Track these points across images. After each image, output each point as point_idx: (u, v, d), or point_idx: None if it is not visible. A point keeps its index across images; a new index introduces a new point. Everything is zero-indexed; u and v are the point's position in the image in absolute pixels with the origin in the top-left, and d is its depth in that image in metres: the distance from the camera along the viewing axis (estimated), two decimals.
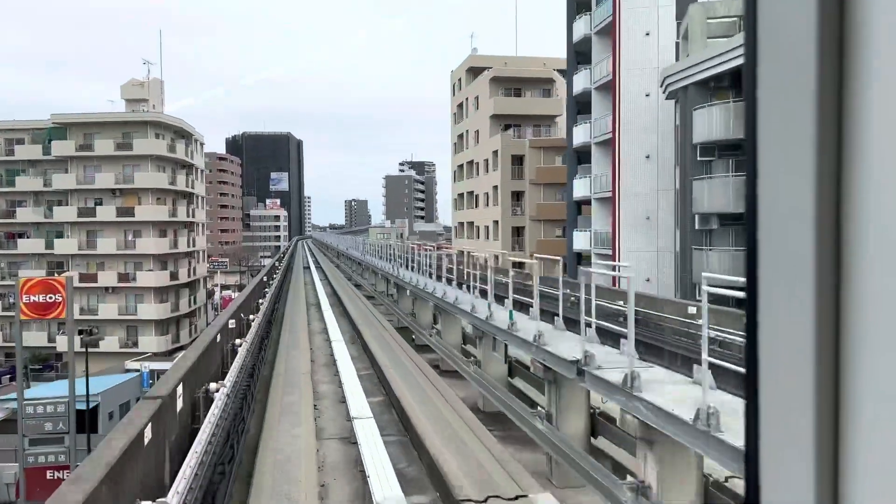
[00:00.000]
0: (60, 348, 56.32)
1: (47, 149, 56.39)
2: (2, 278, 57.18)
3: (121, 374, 50.74)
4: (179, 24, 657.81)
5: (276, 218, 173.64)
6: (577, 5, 38.87)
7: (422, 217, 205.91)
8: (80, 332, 57.69)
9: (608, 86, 33.01)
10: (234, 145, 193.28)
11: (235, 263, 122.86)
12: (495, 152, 51.00)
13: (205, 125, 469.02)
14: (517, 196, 50.39)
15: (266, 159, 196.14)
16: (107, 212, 55.35)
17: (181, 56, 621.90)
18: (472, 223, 58.51)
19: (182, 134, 62.08)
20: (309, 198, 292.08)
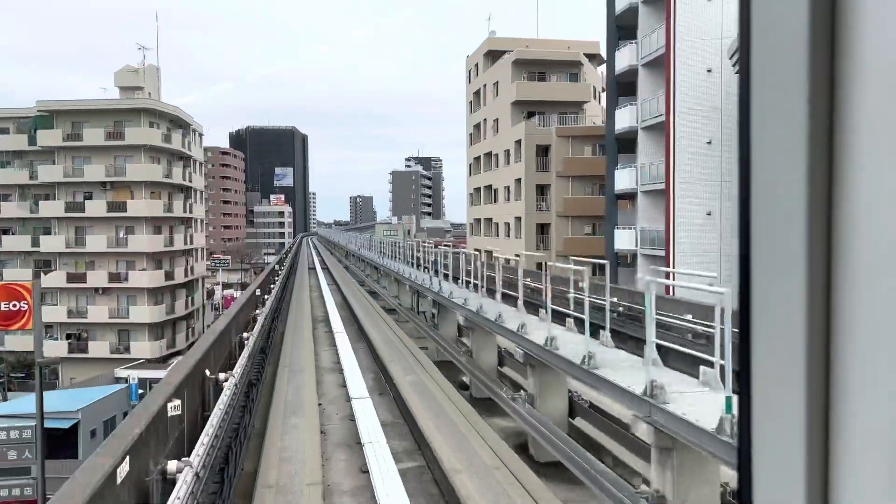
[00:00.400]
0: (49, 353, 52.31)
1: (33, 139, 52.30)
2: None
3: (109, 383, 46.79)
4: (181, 24, 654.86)
5: (281, 214, 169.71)
6: None
7: (429, 213, 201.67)
8: (68, 337, 53.93)
9: (660, 61, 28.68)
10: (237, 140, 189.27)
11: (238, 261, 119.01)
12: (518, 142, 46.67)
13: (209, 122, 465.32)
14: (541, 190, 46.07)
15: (270, 154, 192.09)
16: (97, 206, 51.27)
17: (184, 54, 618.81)
18: (490, 220, 54.19)
19: (179, 123, 57.93)
20: (314, 194, 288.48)
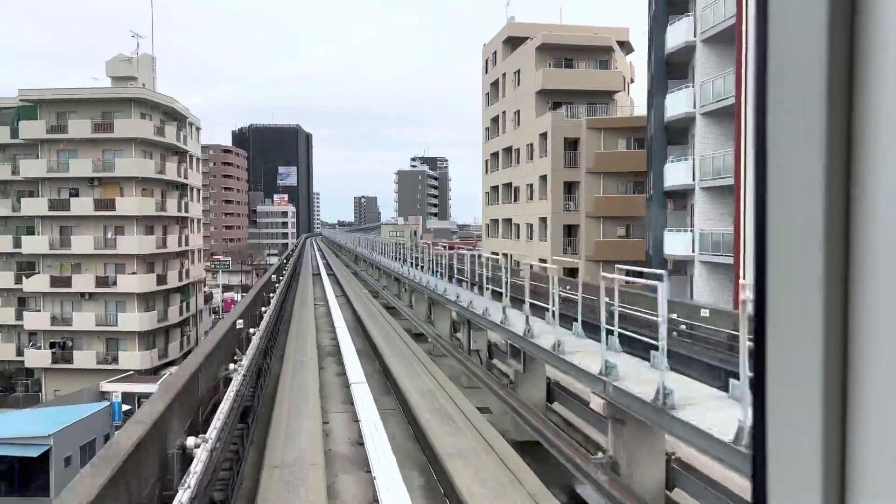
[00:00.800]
0: (30, 363, 48.35)
1: (15, 131, 48.28)
2: None
3: (94, 398, 42.75)
4: (183, 24, 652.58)
5: (284, 214, 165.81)
6: None
7: (435, 214, 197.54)
8: (52, 346, 49.96)
9: (725, 36, 24.45)
10: (240, 138, 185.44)
11: (240, 262, 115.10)
12: (543, 135, 42.46)
13: (212, 122, 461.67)
14: (569, 188, 41.86)
15: (273, 153, 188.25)
16: (83, 204, 47.23)
17: (185, 55, 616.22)
18: (510, 220, 49.96)
19: (174, 116, 53.86)
20: (318, 194, 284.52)
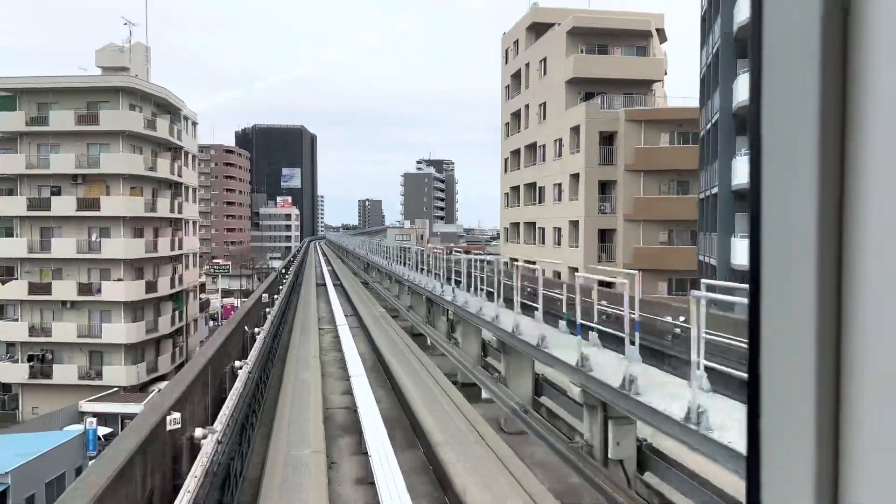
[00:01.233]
0: (6, 378, 44.03)
1: None
2: None
3: (72, 419, 38.43)
4: (186, 27, 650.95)
5: (288, 217, 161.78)
6: None
7: (441, 218, 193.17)
8: (30, 359, 45.70)
9: None
10: (243, 139, 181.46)
11: (242, 266, 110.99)
12: (575, 129, 38.04)
13: (216, 126, 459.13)
14: (602, 188, 37.43)
15: (277, 154, 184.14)
16: (65, 204, 42.98)
17: (190, 59, 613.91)
18: (533, 224, 45.52)
19: (167, 108, 49.63)
20: (322, 197, 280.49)
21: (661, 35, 46.44)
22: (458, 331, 19.47)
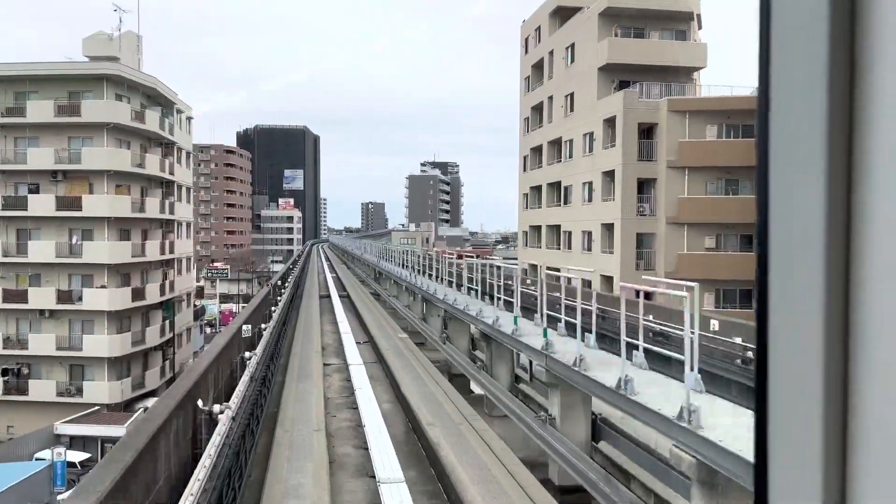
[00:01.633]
0: None
1: None
2: None
3: (48, 442, 34.46)
4: (185, 26, 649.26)
5: (290, 219, 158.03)
6: None
7: (446, 221, 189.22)
8: (4, 374, 41.77)
9: None
10: (245, 139, 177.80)
11: (243, 269, 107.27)
12: (609, 121, 34.04)
13: (218, 129, 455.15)
14: (640, 187, 33.42)
15: (279, 155, 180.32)
16: (43, 203, 39.07)
17: (192, 58, 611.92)
18: (557, 227, 41.48)
19: (158, 100, 45.75)
20: (325, 199, 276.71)
21: (698, 21, 42.52)
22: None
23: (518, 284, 17.04)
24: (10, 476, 25.50)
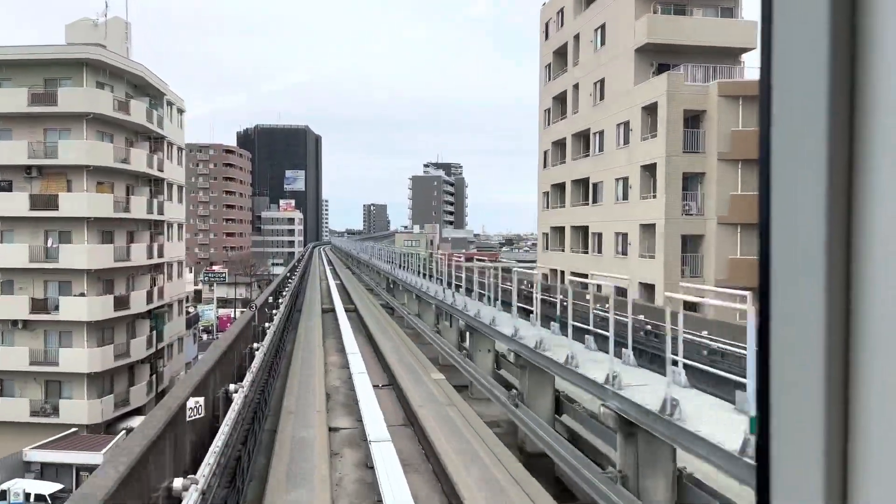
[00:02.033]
0: None
1: None
2: None
3: (15, 470, 30.64)
4: (186, 27, 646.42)
5: (291, 221, 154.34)
6: None
7: (450, 223, 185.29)
8: None
9: None
10: (245, 140, 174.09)
11: (242, 272, 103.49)
12: (649, 108, 30.17)
13: (219, 129, 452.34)
14: (686, 183, 29.50)
15: (280, 155, 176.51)
16: (15, 202, 35.24)
17: (193, 59, 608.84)
18: (585, 229, 37.58)
19: (146, 90, 41.96)
20: (326, 201, 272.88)
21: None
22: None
23: (570, 302, 13.18)
24: None
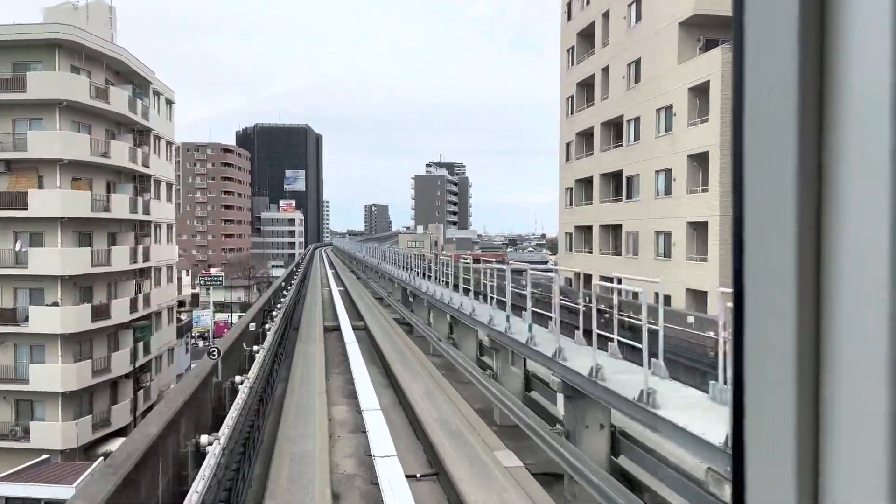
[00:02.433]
0: None
1: None
2: None
3: None
4: (186, 27, 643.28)
5: (291, 222, 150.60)
6: None
7: (454, 223, 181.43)
8: None
9: None
10: (244, 139, 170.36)
11: (240, 275, 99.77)
12: (697, 89, 26.32)
13: (219, 131, 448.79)
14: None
15: (280, 155, 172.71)
16: None
17: (194, 60, 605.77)
18: (618, 228, 33.73)
19: (130, 78, 38.18)
20: (327, 202, 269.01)
21: None
22: None
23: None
24: None
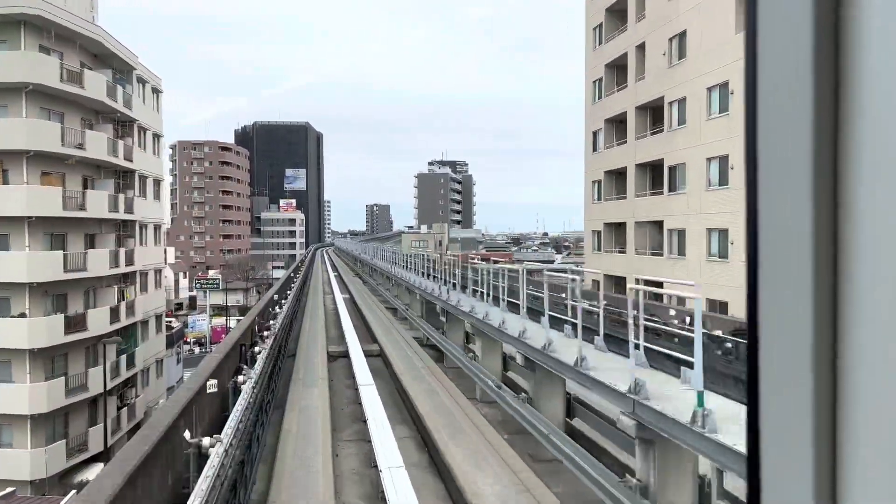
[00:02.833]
0: None
1: None
2: None
3: None
4: (185, 28, 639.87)
5: (292, 222, 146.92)
6: None
7: (457, 222, 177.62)
8: None
9: None
10: (243, 137, 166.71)
11: (239, 277, 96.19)
12: None
13: (215, 132, 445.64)
14: None
15: (280, 154, 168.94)
16: None
17: (194, 61, 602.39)
18: (658, 224, 29.93)
19: (109, 62, 34.44)
20: (328, 201, 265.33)
21: None
22: None
23: None
24: None
